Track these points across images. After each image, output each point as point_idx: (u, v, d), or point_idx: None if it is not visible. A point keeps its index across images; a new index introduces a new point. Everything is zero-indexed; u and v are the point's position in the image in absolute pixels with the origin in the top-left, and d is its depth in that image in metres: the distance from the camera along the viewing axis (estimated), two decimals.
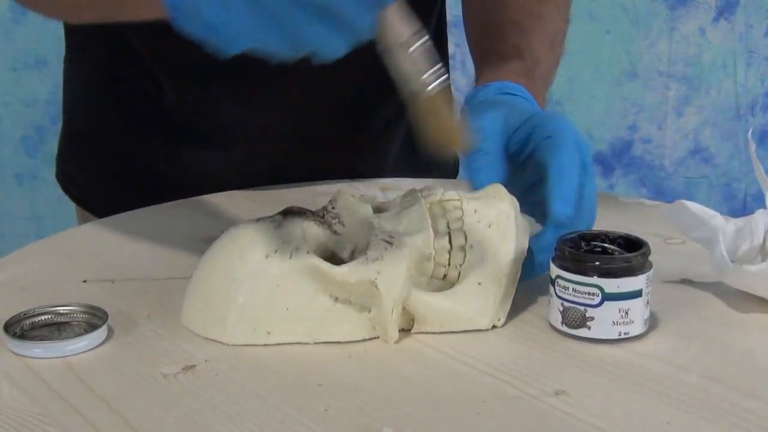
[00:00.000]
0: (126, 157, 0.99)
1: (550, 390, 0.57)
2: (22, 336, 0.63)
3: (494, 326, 0.65)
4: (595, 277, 0.61)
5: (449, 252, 0.65)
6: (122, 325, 0.65)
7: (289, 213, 0.65)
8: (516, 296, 0.66)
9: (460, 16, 0.97)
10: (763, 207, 0.72)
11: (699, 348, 0.63)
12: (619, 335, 0.62)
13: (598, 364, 0.60)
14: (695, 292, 0.71)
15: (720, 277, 0.69)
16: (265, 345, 0.63)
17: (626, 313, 0.62)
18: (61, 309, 0.66)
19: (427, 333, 0.64)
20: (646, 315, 0.63)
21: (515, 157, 0.72)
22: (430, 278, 0.65)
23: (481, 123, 0.72)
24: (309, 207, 0.67)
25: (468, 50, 0.94)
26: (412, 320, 0.65)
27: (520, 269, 0.66)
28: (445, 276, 0.66)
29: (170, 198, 0.92)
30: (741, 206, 2.14)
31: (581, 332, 0.63)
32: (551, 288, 0.64)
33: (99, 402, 0.56)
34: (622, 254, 0.63)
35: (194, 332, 0.65)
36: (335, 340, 0.63)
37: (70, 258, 0.78)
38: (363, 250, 0.63)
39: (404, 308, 0.64)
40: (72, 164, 1.04)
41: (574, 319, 0.62)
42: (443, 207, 0.67)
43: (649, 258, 0.63)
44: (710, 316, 0.67)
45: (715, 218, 0.70)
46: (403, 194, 0.69)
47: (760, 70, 2.10)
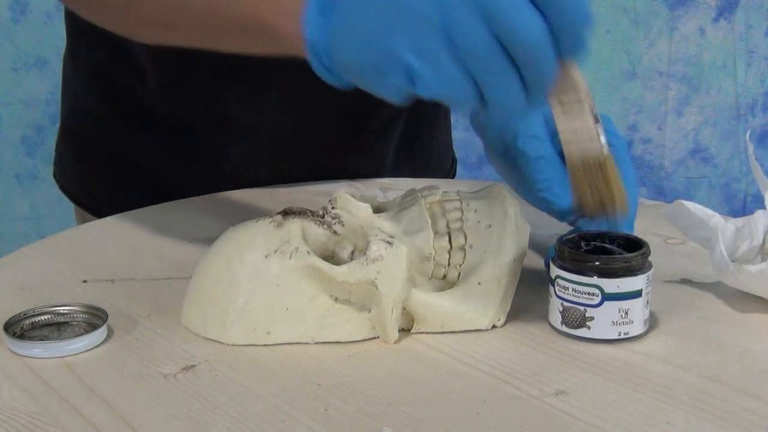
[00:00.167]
0: (124, 157, 0.99)
1: (550, 390, 0.57)
2: (22, 336, 0.63)
3: (494, 326, 0.65)
4: (595, 277, 0.61)
5: (449, 252, 0.65)
6: (122, 325, 0.65)
7: (289, 213, 0.65)
8: (516, 296, 0.66)
9: None
10: (762, 207, 0.72)
11: (699, 348, 0.63)
12: (619, 335, 0.62)
13: (598, 364, 0.60)
14: (695, 292, 0.71)
15: (720, 277, 0.69)
16: (265, 345, 0.63)
17: (626, 313, 0.62)
18: (61, 309, 0.66)
19: (427, 333, 0.64)
20: (646, 315, 0.63)
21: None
22: (430, 278, 0.65)
23: (532, 129, 0.69)
24: (309, 207, 0.67)
25: None
26: (412, 320, 0.65)
27: (519, 271, 0.66)
28: (445, 276, 0.66)
29: (170, 198, 0.92)
30: (741, 206, 2.14)
31: (581, 332, 0.63)
32: (551, 288, 0.64)
33: (99, 402, 0.56)
34: (622, 254, 0.63)
35: (194, 332, 0.65)
36: (335, 340, 0.63)
37: (70, 258, 0.78)
38: (363, 250, 0.63)
39: (404, 308, 0.64)
40: (69, 163, 1.04)
41: (574, 319, 0.62)
42: (443, 207, 0.67)
43: (649, 258, 0.63)
44: (710, 316, 0.67)
45: (715, 218, 0.70)
46: (403, 194, 0.69)
47: (760, 70, 2.10)
